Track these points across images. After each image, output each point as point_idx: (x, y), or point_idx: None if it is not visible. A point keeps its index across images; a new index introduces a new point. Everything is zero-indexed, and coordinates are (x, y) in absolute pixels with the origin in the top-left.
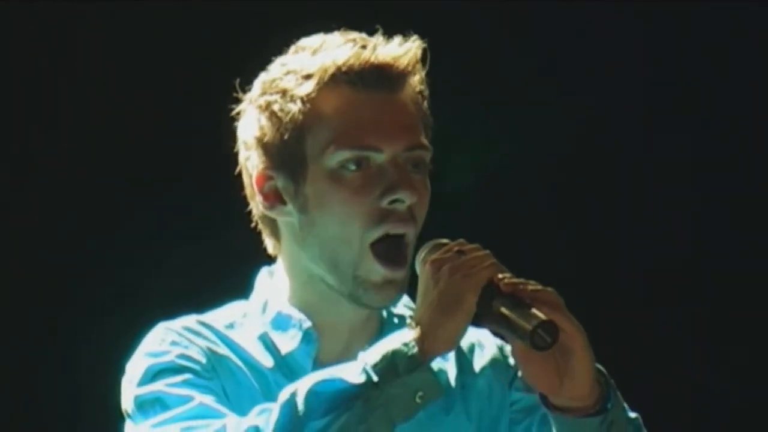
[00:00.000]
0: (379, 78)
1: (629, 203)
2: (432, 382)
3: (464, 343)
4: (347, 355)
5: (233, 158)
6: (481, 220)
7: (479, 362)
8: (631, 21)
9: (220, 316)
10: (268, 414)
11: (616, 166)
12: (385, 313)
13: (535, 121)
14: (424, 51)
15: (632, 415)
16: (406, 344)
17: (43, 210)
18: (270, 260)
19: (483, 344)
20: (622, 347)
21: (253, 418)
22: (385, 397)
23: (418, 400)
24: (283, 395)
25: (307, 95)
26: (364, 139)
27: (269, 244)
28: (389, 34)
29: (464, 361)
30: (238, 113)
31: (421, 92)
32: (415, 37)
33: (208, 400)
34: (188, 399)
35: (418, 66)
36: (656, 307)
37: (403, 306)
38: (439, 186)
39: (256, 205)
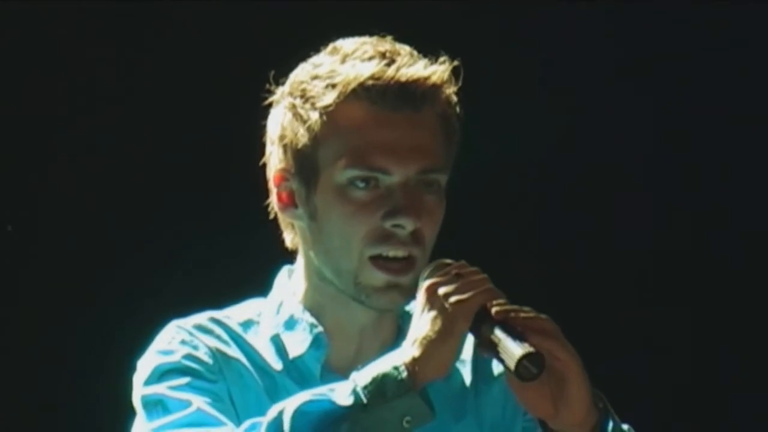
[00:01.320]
0: (399, 97)
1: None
2: (420, 408)
3: None
4: (358, 358)
5: (254, 156)
6: (465, 219)
7: (497, 368)
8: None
9: (236, 313)
10: (256, 429)
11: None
12: (401, 318)
13: (521, 121)
14: (456, 69)
15: None
16: (396, 368)
17: (64, 208)
18: (291, 258)
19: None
20: (609, 348)
21: (242, 431)
22: (372, 420)
23: (405, 425)
24: (271, 413)
25: (326, 107)
26: (374, 160)
27: (287, 237)
28: (380, 33)
29: (482, 366)
30: (271, 104)
31: (446, 112)
32: (445, 58)
33: (207, 406)
34: (187, 404)
35: (445, 86)
36: (650, 308)
37: None
38: None
39: (273, 202)
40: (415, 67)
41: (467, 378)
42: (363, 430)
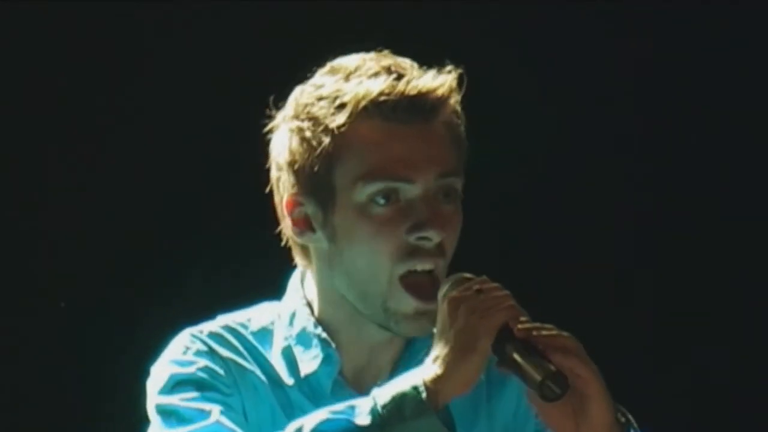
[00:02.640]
0: (411, 110)
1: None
2: (438, 428)
3: None
4: (368, 370)
5: (263, 159)
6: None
7: None
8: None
9: (251, 319)
10: None
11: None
12: None
13: (516, 123)
14: (461, 76)
15: None
16: (416, 387)
17: (75, 212)
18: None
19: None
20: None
21: None
22: None
23: None
24: (290, 429)
25: (339, 127)
26: (394, 172)
27: (299, 262)
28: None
29: (493, 372)
30: (272, 129)
31: (453, 121)
32: (450, 67)
33: (224, 418)
34: (204, 415)
35: (452, 95)
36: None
37: None
38: None
39: (287, 227)
40: (423, 79)
41: (479, 385)
42: None
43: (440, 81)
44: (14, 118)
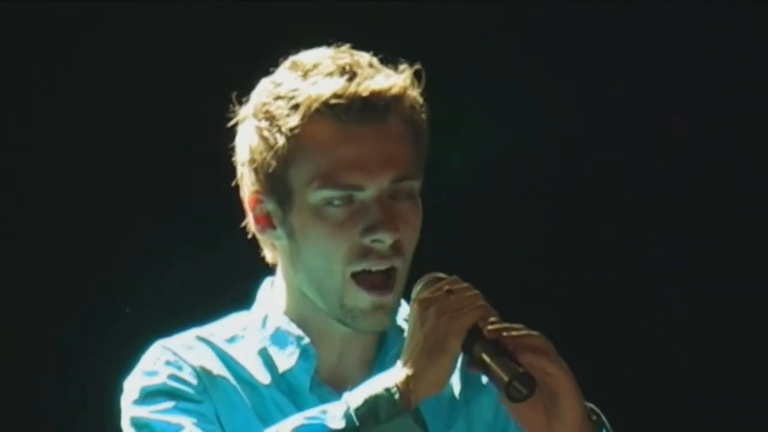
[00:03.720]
0: (363, 111)
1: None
2: (412, 428)
3: None
4: (342, 364)
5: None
6: (472, 214)
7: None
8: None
9: (221, 329)
10: None
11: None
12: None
13: (529, 115)
14: (418, 72)
15: None
16: (388, 389)
17: (46, 219)
18: (272, 269)
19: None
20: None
21: None
22: None
23: None
24: None
25: (292, 129)
26: (346, 178)
27: (267, 254)
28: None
29: (470, 375)
30: (236, 125)
31: (412, 117)
32: (404, 66)
33: (196, 428)
34: (176, 428)
35: (408, 92)
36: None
37: (403, 320)
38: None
39: (250, 223)
40: (376, 79)
41: (456, 386)
42: None
43: (393, 80)
44: None
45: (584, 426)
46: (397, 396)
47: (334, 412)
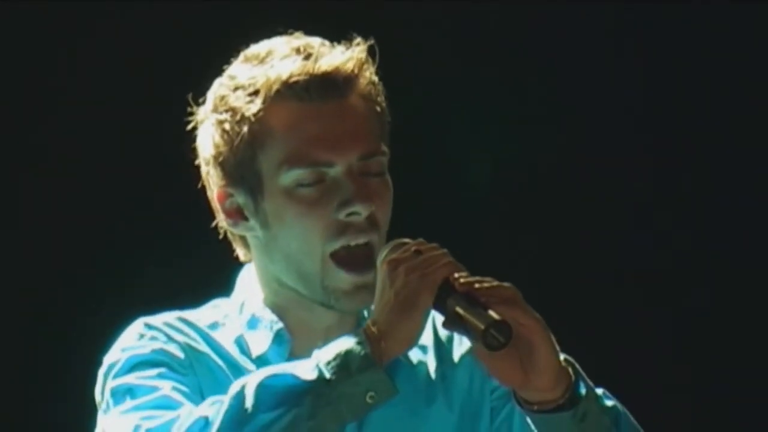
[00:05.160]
0: (324, 88)
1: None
2: (385, 383)
3: (443, 334)
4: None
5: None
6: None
7: (458, 352)
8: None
9: (202, 315)
10: (218, 405)
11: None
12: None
13: (532, 120)
14: (371, 48)
15: (609, 403)
16: (360, 343)
17: (24, 208)
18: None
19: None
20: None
21: (205, 408)
22: (336, 394)
23: (369, 400)
24: (234, 387)
25: (255, 114)
26: (315, 156)
27: (240, 252)
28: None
29: (443, 352)
30: (196, 126)
31: (371, 92)
32: (358, 40)
33: (174, 392)
34: (155, 389)
35: (365, 68)
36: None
37: None
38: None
39: (222, 220)
40: (332, 56)
41: (431, 364)
42: (326, 404)
43: (348, 55)
44: None
45: (561, 375)
46: (368, 349)
47: (305, 366)
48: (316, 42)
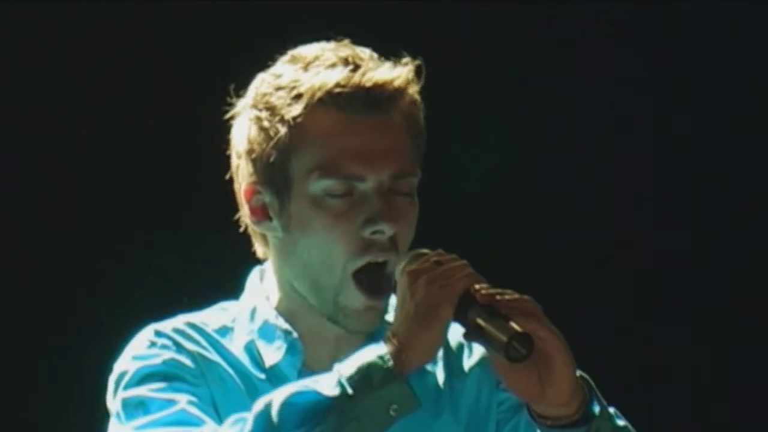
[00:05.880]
0: (367, 102)
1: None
2: (407, 395)
3: (453, 344)
4: (335, 361)
5: (224, 157)
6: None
7: (467, 363)
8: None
9: (210, 318)
10: (242, 424)
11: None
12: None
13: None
14: (419, 68)
15: (621, 423)
16: (381, 357)
17: (36, 212)
18: (260, 260)
19: (471, 344)
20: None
21: (228, 427)
22: (360, 409)
23: (392, 413)
24: (258, 406)
25: (294, 118)
26: (348, 168)
27: (259, 249)
28: (370, 39)
29: (453, 362)
30: (233, 116)
31: (412, 112)
32: (407, 59)
33: (191, 407)
34: (171, 404)
35: (410, 87)
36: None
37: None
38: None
39: (245, 215)
40: (380, 71)
41: (440, 376)
42: (350, 420)
43: (397, 72)
44: None
45: (576, 391)
46: (390, 363)
47: (327, 381)
48: (365, 54)
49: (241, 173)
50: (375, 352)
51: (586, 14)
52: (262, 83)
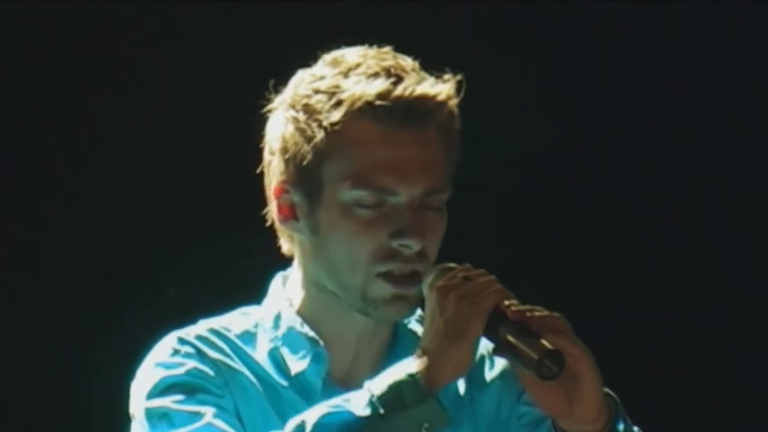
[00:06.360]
0: (406, 116)
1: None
2: (439, 413)
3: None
4: (356, 365)
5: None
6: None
7: (489, 375)
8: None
9: (232, 323)
10: None
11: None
12: (396, 325)
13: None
14: (460, 84)
15: None
16: (412, 375)
17: (57, 214)
18: (283, 264)
19: (493, 356)
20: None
21: None
22: (392, 429)
23: (424, 431)
24: (290, 426)
25: (333, 124)
26: (381, 181)
27: (284, 245)
28: (370, 39)
29: (474, 373)
30: (269, 111)
31: (448, 126)
32: (449, 75)
33: (217, 420)
34: (196, 417)
35: (450, 103)
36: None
37: (415, 321)
38: None
39: (272, 212)
40: (422, 86)
41: (461, 386)
42: None
43: (439, 88)
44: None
45: (603, 409)
46: (421, 381)
47: (358, 401)
48: (407, 65)
49: (273, 170)
50: (405, 369)
51: (586, 14)
52: (301, 83)
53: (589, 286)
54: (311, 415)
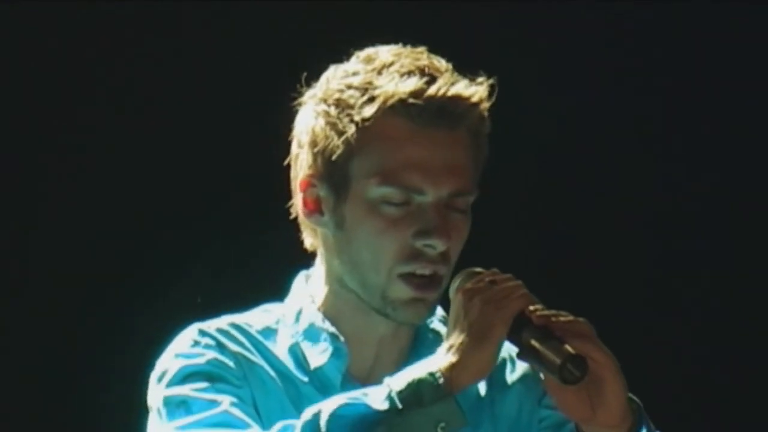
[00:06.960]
0: (438, 116)
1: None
2: (456, 413)
3: None
4: (377, 365)
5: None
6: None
7: (510, 377)
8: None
9: (254, 319)
10: (290, 431)
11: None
12: (418, 328)
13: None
14: (492, 87)
15: None
16: (432, 374)
17: (78, 208)
18: (306, 262)
19: (515, 358)
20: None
21: None
22: (408, 425)
23: (439, 431)
24: (307, 415)
25: (364, 119)
26: (409, 180)
27: (307, 240)
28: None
29: (495, 375)
30: (299, 104)
31: (478, 128)
32: (482, 78)
33: (234, 408)
34: (214, 405)
35: (482, 105)
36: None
37: (438, 321)
38: None
39: (297, 205)
40: (456, 87)
41: (482, 387)
42: None
43: (472, 90)
44: (7, 114)
45: (626, 415)
46: (441, 381)
47: (377, 395)
48: (441, 66)
49: (300, 163)
50: (426, 368)
51: (586, 14)
52: (333, 78)
53: (613, 289)
54: (328, 404)
